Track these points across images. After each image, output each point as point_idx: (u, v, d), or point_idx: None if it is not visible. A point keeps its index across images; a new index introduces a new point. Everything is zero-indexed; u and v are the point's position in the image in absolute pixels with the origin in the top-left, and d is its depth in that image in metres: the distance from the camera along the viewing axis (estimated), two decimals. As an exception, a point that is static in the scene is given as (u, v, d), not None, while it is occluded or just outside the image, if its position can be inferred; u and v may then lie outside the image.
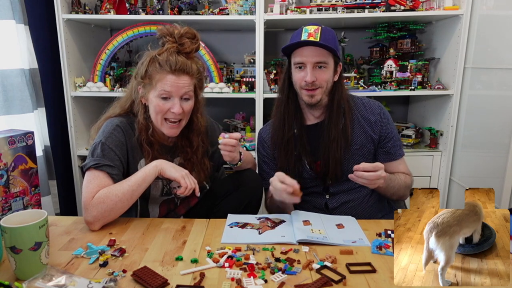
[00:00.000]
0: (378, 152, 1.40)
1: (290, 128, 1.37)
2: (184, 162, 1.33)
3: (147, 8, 2.23)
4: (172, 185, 1.33)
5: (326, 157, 1.34)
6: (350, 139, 1.34)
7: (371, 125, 1.36)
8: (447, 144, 2.22)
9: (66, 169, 2.35)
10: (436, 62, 2.34)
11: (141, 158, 1.27)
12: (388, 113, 1.41)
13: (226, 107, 2.62)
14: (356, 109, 1.38)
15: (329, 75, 1.31)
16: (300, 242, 1.05)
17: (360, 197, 1.38)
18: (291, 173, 1.27)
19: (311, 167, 1.38)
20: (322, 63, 1.28)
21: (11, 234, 0.84)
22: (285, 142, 1.37)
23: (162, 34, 1.22)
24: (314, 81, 1.28)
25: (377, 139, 1.37)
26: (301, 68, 1.30)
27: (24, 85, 1.90)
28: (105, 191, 1.12)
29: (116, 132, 1.22)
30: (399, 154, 1.40)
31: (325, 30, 1.28)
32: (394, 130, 1.39)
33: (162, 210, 1.34)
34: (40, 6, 2.15)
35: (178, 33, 1.21)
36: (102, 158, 1.17)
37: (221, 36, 2.65)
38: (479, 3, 2.02)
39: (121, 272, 0.90)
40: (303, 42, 1.26)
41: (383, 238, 1.08)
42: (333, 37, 1.29)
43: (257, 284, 0.85)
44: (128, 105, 1.30)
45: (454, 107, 2.18)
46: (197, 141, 1.33)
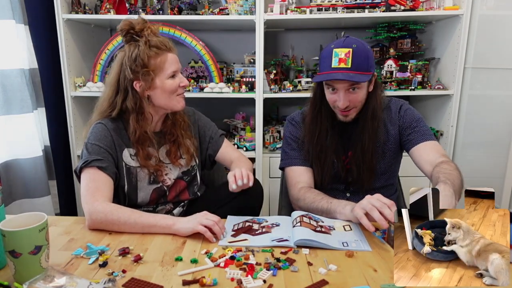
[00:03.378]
0: (403, 145, 1.37)
1: (324, 130, 1.36)
2: (171, 146, 1.36)
3: (147, 8, 2.24)
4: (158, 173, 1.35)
5: (358, 161, 1.33)
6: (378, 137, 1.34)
7: (393, 122, 1.36)
8: (447, 144, 2.22)
9: (66, 169, 2.35)
10: (436, 62, 2.35)
11: (125, 148, 1.29)
12: (409, 107, 1.38)
13: (226, 107, 2.62)
14: (384, 110, 1.38)
15: (363, 95, 1.28)
16: (299, 246, 1.04)
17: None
18: (317, 167, 1.35)
19: (339, 163, 1.37)
20: (355, 85, 1.24)
21: (11, 237, 0.83)
22: (318, 143, 1.36)
23: (126, 25, 1.26)
24: (347, 105, 1.26)
25: (397, 134, 1.36)
26: (334, 90, 1.27)
27: (24, 85, 1.90)
28: (109, 209, 1.12)
29: (96, 129, 1.27)
30: (423, 139, 1.31)
31: (357, 52, 1.21)
32: (414, 119, 1.35)
33: (153, 197, 1.35)
34: (40, 6, 2.15)
35: (138, 21, 1.26)
36: (88, 155, 1.22)
37: (221, 36, 2.65)
38: (479, 3, 2.02)
39: (120, 272, 0.90)
40: (333, 75, 1.22)
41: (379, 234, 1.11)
42: (365, 57, 1.23)
43: (257, 284, 0.85)
44: (106, 108, 1.30)
45: (454, 107, 2.18)
46: (180, 117, 1.39)
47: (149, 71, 1.23)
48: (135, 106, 1.26)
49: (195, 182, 1.45)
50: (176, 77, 1.28)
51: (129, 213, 1.12)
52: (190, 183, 1.43)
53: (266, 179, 2.30)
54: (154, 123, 1.34)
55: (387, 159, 1.37)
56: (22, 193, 1.99)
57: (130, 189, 1.31)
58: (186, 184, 1.41)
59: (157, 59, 1.24)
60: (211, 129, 1.48)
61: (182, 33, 2.15)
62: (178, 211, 1.41)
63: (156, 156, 1.34)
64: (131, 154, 1.30)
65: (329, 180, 1.39)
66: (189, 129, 1.43)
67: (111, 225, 1.11)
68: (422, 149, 1.30)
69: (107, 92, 1.30)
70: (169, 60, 1.26)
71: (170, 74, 1.26)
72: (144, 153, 1.30)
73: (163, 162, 1.36)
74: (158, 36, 1.27)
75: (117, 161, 1.28)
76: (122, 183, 1.29)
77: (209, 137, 1.47)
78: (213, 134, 1.48)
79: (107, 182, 1.21)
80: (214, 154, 1.47)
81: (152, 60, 1.24)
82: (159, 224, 1.11)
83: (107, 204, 1.14)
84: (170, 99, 1.28)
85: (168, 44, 1.27)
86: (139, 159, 1.30)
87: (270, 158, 2.29)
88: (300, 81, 2.36)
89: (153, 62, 1.24)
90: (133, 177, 1.31)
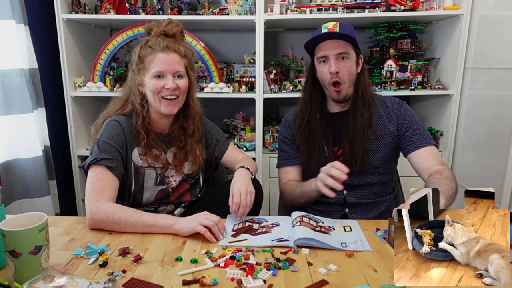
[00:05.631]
0: (401, 146, 1.39)
1: (313, 114, 1.41)
2: (178, 151, 1.37)
3: (147, 8, 2.23)
4: (166, 174, 1.36)
5: (352, 145, 1.35)
6: (373, 129, 1.36)
7: (390, 118, 1.38)
8: (447, 144, 2.22)
9: (66, 169, 2.35)
10: (436, 62, 2.34)
11: (135, 147, 1.30)
12: (408, 107, 1.41)
13: (226, 107, 2.62)
14: (379, 104, 1.41)
15: (352, 66, 1.34)
16: (299, 246, 1.04)
17: (378, 192, 1.39)
18: (311, 160, 1.37)
19: (332, 154, 1.39)
20: (344, 54, 1.32)
21: (11, 237, 0.83)
22: (307, 126, 1.40)
23: (149, 26, 1.33)
24: (338, 72, 1.31)
25: (395, 131, 1.37)
26: (325, 62, 1.34)
27: (24, 85, 1.90)
28: (111, 208, 1.13)
29: (110, 126, 1.27)
30: (424, 143, 1.33)
31: (344, 24, 1.32)
32: (413, 121, 1.37)
33: (157, 198, 1.36)
34: (40, 6, 2.15)
35: (162, 24, 1.32)
36: (99, 153, 1.22)
37: (221, 36, 2.65)
38: (479, 3, 2.02)
39: (120, 272, 0.90)
40: (324, 35, 1.30)
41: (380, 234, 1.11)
42: (351, 29, 1.33)
43: (257, 284, 0.85)
44: (124, 102, 1.35)
45: (454, 107, 2.18)
46: (192, 126, 1.38)
47: (139, 68, 1.28)
48: (140, 103, 1.30)
49: (198, 185, 1.45)
50: (163, 78, 1.26)
51: (130, 213, 1.12)
52: (193, 185, 1.43)
53: (266, 179, 2.30)
54: (159, 124, 1.35)
55: (382, 153, 1.37)
56: (22, 193, 1.99)
57: (137, 189, 1.31)
58: (189, 186, 1.42)
59: (148, 57, 1.26)
60: (218, 133, 1.50)
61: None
62: (179, 212, 1.41)
63: (163, 158, 1.34)
64: (140, 153, 1.30)
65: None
66: (201, 141, 1.43)
67: (112, 225, 1.12)
68: (422, 155, 1.32)
69: (125, 89, 1.36)
70: (157, 60, 1.25)
71: (154, 73, 1.25)
72: (149, 153, 1.31)
73: (170, 164, 1.36)
74: (167, 38, 1.28)
75: (126, 160, 1.28)
76: (129, 182, 1.29)
77: (216, 140, 1.48)
78: (219, 137, 1.50)
79: (113, 183, 1.21)
80: (220, 156, 1.49)
81: (146, 58, 1.27)
82: (159, 224, 1.11)
83: (108, 203, 1.15)
84: (155, 100, 1.28)
85: (163, 45, 1.26)
86: (147, 159, 1.30)
87: (270, 158, 2.29)
88: (300, 81, 2.36)
89: (146, 60, 1.27)
90: (140, 177, 1.31)
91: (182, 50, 1.30)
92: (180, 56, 1.28)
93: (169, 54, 1.26)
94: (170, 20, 1.33)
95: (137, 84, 1.31)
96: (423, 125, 1.39)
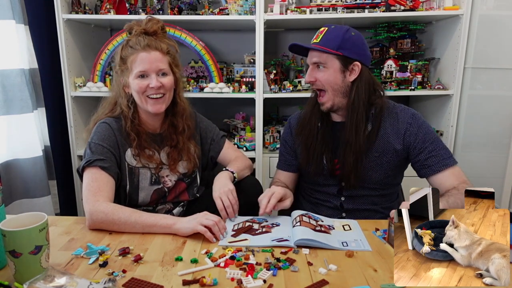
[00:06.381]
0: (414, 167, 1.31)
1: (316, 121, 1.36)
2: (171, 150, 1.36)
3: (147, 8, 2.23)
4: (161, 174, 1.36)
5: (342, 159, 1.30)
6: (372, 146, 1.28)
7: (398, 134, 1.28)
8: (447, 144, 2.22)
9: (66, 169, 2.35)
10: (436, 62, 2.34)
11: (128, 148, 1.30)
12: (423, 122, 1.29)
13: (226, 107, 2.62)
14: (388, 116, 1.31)
15: (330, 76, 1.26)
16: (299, 246, 1.04)
17: (378, 201, 1.36)
18: (310, 165, 1.34)
19: (329, 164, 1.34)
20: (319, 63, 1.27)
21: (11, 237, 0.83)
22: (308, 131, 1.37)
23: (129, 26, 1.31)
24: (312, 81, 1.29)
25: (401, 150, 1.28)
26: (307, 70, 1.33)
27: (24, 85, 1.90)
28: (110, 209, 1.13)
29: (100, 129, 1.28)
30: (441, 166, 1.24)
31: (330, 31, 1.26)
32: (428, 140, 1.26)
33: (153, 197, 1.36)
34: (40, 6, 2.15)
35: (142, 22, 1.30)
36: (91, 155, 1.22)
37: (221, 36, 2.65)
38: (479, 3, 2.02)
39: (120, 272, 0.90)
40: (296, 45, 1.31)
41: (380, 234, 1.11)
42: (336, 36, 1.24)
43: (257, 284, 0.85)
44: (113, 105, 1.34)
45: (454, 107, 2.18)
46: (182, 123, 1.37)
47: (123, 69, 1.28)
48: (127, 104, 1.30)
49: (195, 184, 1.45)
50: (147, 77, 1.25)
51: (130, 213, 1.12)
52: (190, 184, 1.43)
53: (266, 179, 2.30)
54: (149, 124, 1.34)
55: (384, 170, 1.30)
56: (22, 193, 1.99)
57: (132, 189, 1.31)
58: (186, 186, 1.42)
59: (130, 57, 1.25)
60: (213, 131, 1.49)
61: (182, 33, 2.16)
62: (178, 211, 1.41)
63: (156, 158, 1.34)
64: (133, 154, 1.30)
65: (322, 182, 1.38)
66: (193, 137, 1.43)
67: (112, 225, 1.12)
68: (443, 179, 1.24)
69: (112, 92, 1.35)
70: (139, 59, 1.23)
71: (138, 73, 1.24)
72: (142, 153, 1.31)
73: (165, 164, 1.36)
74: (147, 36, 1.26)
75: (119, 161, 1.28)
76: (124, 183, 1.30)
77: (211, 139, 1.48)
78: (214, 136, 1.49)
79: (109, 182, 1.21)
80: (216, 155, 1.48)
81: (128, 58, 1.26)
82: (159, 224, 1.11)
83: (107, 204, 1.14)
84: (141, 100, 1.27)
85: (144, 44, 1.24)
86: (140, 159, 1.30)
87: (270, 158, 2.28)
88: (300, 81, 2.36)
89: (128, 60, 1.26)
90: (135, 177, 1.31)
91: (164, 47, 1.28)
92: (162, 54, 1.26)
93: (150, 52, 1.24)
94: (150, 17, 1.30)
95: (122, 86, 1.30)
96: (440, 142, 1.28)
